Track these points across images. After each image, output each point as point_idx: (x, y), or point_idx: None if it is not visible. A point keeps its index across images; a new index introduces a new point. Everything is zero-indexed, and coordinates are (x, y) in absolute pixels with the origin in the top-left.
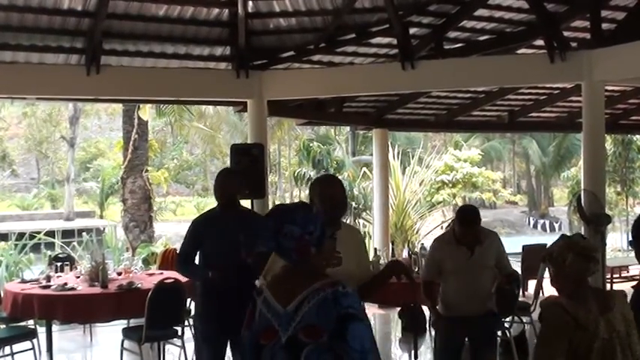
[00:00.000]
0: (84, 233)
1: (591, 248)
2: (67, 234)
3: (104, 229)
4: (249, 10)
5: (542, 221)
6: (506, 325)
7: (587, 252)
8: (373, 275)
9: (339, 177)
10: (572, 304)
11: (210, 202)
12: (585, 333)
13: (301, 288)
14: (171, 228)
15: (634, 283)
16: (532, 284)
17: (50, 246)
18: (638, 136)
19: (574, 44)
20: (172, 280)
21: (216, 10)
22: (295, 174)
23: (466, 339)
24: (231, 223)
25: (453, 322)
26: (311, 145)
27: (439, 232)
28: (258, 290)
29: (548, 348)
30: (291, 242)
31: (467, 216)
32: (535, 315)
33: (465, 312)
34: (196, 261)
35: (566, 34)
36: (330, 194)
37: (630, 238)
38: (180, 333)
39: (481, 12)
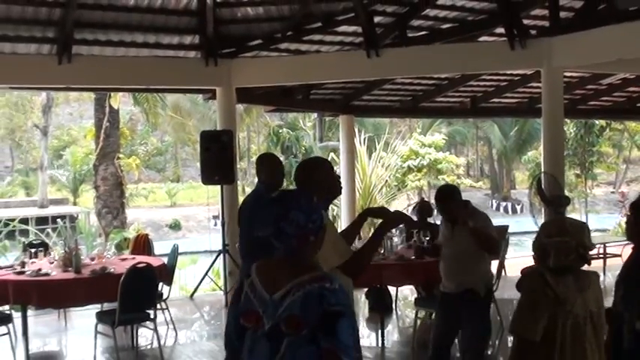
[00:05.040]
0: (58, 220)
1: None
2: (41, 221)
3: (77, 215)
4: None
5: (504, 204)
6: None
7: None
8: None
9: None
10: (553, 277)
11: (182, 188)
12: (562, 308)
13: (289, 278)
14: (143, 214)
15: (593, 262)
16: (494, 264)
17: (24, 233)
18: (597, 120)
19: (533, 32)
20: (144, 265)
21: (184, 0)
22: None
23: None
24: None
25: (443, 297)
26: (280, 131)
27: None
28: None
29: (530, 313)
30: (294, 229)
31: (437, 194)
32: (497, 294)
33: (446, 289)
34: None
35: (525, 22)
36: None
37: (629, 213)
38: (152, 316)
39: (444, 1)
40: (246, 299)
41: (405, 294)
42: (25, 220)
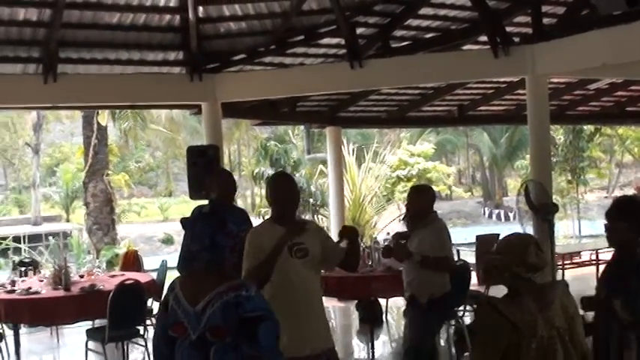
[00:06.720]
0: (50, 237)
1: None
2: (35, 238)
3: (70, 232)
4: (200, 15)
5: (496, 211)
6: (460, 313)
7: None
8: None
9: (297, 174)
10: (507, 304)
11: (174, 203)
12: (522, 334)
13: (209, 289)
14: (136, 229)
15: (585, 268)
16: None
17: (18, 251)
18: (586, 126)
19: (517, 39)
20: (133, 281)
21: (167, 16)
22: (254, 173)
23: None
24: None
25: None
26: (268, 144)
27: (395, 225)
28: (172, 285)
29: (483, 353)
30: (228, 240)
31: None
32: None
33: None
34: None
35: (508, 29)
36: (286, 189)
37: (606, 222)
38: (142, 332)
39: (426, 10)
40: (172, 311)
41: (396, 305)
42: (18, 239)
